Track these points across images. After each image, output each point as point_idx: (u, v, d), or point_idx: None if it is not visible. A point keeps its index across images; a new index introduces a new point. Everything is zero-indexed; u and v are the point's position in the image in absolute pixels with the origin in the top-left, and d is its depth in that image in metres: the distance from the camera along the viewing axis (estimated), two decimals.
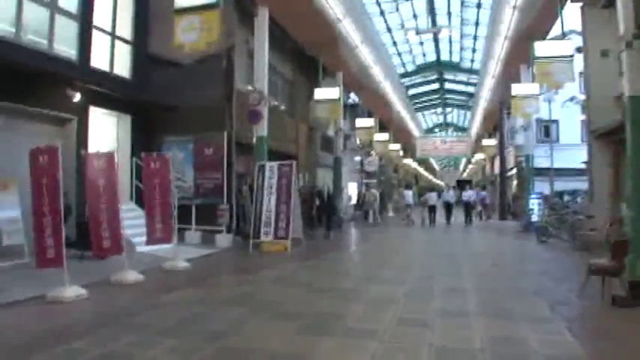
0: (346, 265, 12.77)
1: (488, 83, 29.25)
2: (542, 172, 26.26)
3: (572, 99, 24.76)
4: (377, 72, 26.59)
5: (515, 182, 35.63)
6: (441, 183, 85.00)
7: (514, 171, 35.06)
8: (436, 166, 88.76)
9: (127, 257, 9.58)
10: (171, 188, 11.25)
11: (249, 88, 16.63)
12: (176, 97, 16.40)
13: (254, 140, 16.16)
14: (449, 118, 54.23)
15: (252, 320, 6.75)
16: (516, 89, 20.90)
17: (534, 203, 22.34)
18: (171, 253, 11.62)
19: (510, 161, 35.00)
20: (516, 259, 13.51)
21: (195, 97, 16.42)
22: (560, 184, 24.88)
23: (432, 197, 27.12)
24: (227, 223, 15.39)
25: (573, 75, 16.21)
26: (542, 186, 25.10)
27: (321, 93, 21.73)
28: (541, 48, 16.51)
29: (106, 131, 16.06)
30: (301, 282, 9.52)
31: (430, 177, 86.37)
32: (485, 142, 41.11)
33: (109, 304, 7.82)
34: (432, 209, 26.47)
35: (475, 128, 45.77)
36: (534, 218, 21.81)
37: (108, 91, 14.73)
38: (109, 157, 9.72)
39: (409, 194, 28.80)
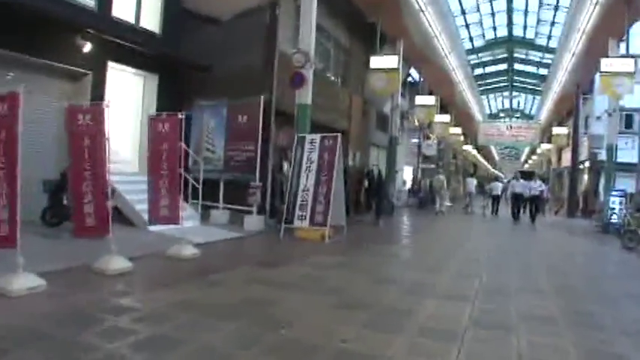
0: (392, 264, 10.21)
1: (566, 62, 26.14)
2: (621, 167, 23.05)
3: None
4: (442, 43, 23.87)
5: (585, 176, 32.43)
6: (500, 174, 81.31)
7: (587, 164, 31.80)
8: (496, 155, 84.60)
9: (114, 239, 7.47)
10: (181, 156, 9.10)
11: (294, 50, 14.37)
12: (211, 56, 14.43)
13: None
14: (515, 104, 50.56)
15: (241, 351, 4.55)
16: (606, 64, 17.98)
17: (615, 202, 19.44)
18: (188, 235, 9.62)
19: (583, 153, 31.68)
20: (606, 273, 10.90)
21: (232, 57, 14.39)
22: None
23: (497, 187, 26.20)
24: (258, 204, 13.25)
25: (632, 88, 17.85)
26: (622, 183, 21.97)
27: (377, 61, 19.27)
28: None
29: (129, 91, 14.17)
30: (330, 288, 7.14)
31: (489, 166, 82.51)
32: (556, 130, 37.61)
33: (63, 304, 5.70)
34: (496, 199, 25.67)
35: (544, 116, 42.33)
36: (614, 219, 18.99)
37: (132, 45, 12.72)
38: (98, 110, 7.62)
39: (472, 182, 27.81)
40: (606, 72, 17.76)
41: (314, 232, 11.93)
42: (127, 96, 14.05)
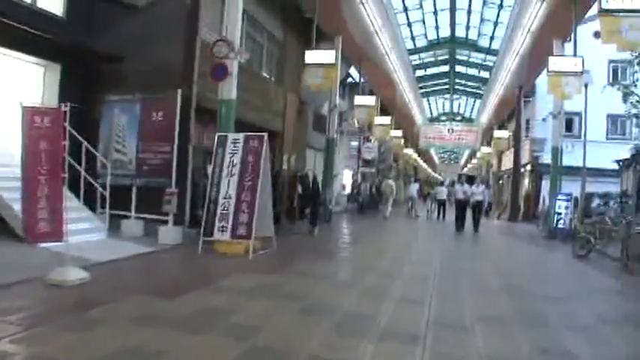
0: (325, 287, 8.31)
1: (509, 63, 25.46)
2: (565, 170, 22.29)
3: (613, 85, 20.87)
4: (383, 41, 22.71)
5: (527, 180, 32.02)
6: (440, 177, 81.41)
7: (528, 167, 31.37)
8: (436, 159, 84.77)
9: None
10: (65, 157, 7.39)
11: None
12: (125, 45, 12.72)
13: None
14: (456, 107, 50.10)
15: None
16: (554, 63, 17.10)
17: (561, 206, 18.69)
18: (88, 251, 8.10)
19: (524, 156, 31.24)
20: (569, 290, 9.60)
21: (149, 46, 12.67)
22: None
23: (442, 192, 26.02)
24: (175, 213, 11.60)
25: (580, 89, 17.26)
26: (565, 186, 21.24)
27: (313, 56, 17.80)
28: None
29: (25, 83, 12.23)
30: (241, 327, 5.58)
31: (429, 170, 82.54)
32: (497, 133, 37.19)
33: None
34: (442, 204, 25.75)
35: (484, 119, 41.96)
36: (561, 224, 18.25)
37: (26, 28, 10.79)
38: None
39: (415, 187, 27.84)
40: (554, 71, 16.89)
41: (236, 245, 10.37)
42: (22, 88, 12.08)
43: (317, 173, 18.63)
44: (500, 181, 40.13)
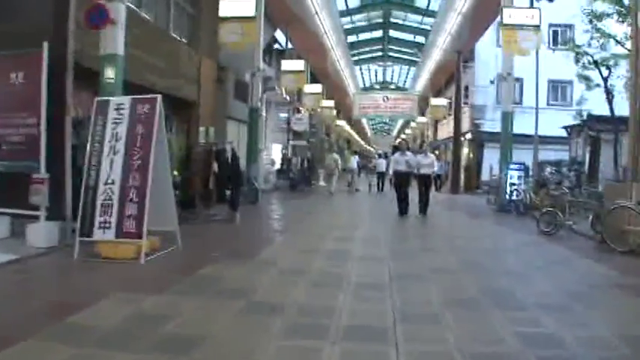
0: (244, 312, 5.43)
1: (450, 24, 23.43)
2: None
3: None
4: None
5: (466, 150, 30.47)
6: (372, 149, 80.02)
7: (468, 136, 29.76)
8: (368, 131, 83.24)
9: None
10: None
11: None
12: None
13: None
14: (389, 76, 48.09)
15: None
16: (509, 15, 15.07)
17: (514, 176, 16.92)
18: None
19: (464, 126, 29.57)
20: (553, 284, 7.16)
21: None
22: (523, 154, 19.40)
23: (381, 164, 26.16)
24: (46, 205, 8.81)
25: (539, 43, 16.19)
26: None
27: (229, 7, 15.08)
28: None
29: None
30: None
31: (362, 142, 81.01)
32: (434, 101, 35.31)
33: None
34: (381, 176, 26.18)
35: (420, 87, 40.12)
36: (514, 196, 16.51)
37: None
38: None
39: (355, 160, 26.71)
40: (508, 24, 14.89)
41: (124, 247, 7.71)
42: None
43: (239, 147, 16.12)
44: (437, 152, 38.63)
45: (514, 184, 16.61)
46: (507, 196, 16.67)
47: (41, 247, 8.42)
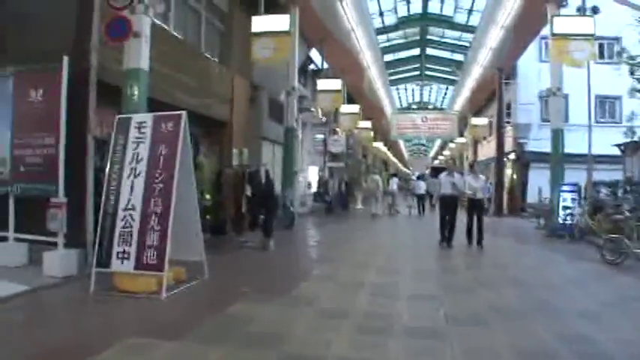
0: (275, 354, 4.81)
1: (490, 39, 22.38)
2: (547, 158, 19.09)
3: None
4: (348, 12, 19.31)
5: (509, 171, 29.13)
6: (408, 170, 78.85)
7: (512, 156, 28.46)
8: (405, 153, 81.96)
9: None
10: None
11: None
12: None
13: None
14: (426, 96, 46.90)
15: None
16: (560, 24, 14.03)
17: (567, 199, 15.72)
18: None
19: (506, 145, 28.28)
20: None
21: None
22: (572, 174, 18.07)
23: (420, 186, 25.75)
24: (64, 232, 8.10)
25: (595, 54, 15.75)
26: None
27: (262, 23, 14.38)
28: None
29: None
30: None
31: (399, 164, 79.81)
32: (475, 120, 34.16)
33: None
34: (421, 198, 25.66)
35: (458, 107, 38.92)
36: (568, 220, 15.29)
37: None
38: None
39: (395, 182, 26.24)
40: (560, 34, 13.83)
41: (143, 279, 6.92)
42: None
43: (273, 169, 15.33)
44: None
45: (568, 207, 15.39)
46: (560, 220, 15.45)
47: (57, 277, 7.80)
